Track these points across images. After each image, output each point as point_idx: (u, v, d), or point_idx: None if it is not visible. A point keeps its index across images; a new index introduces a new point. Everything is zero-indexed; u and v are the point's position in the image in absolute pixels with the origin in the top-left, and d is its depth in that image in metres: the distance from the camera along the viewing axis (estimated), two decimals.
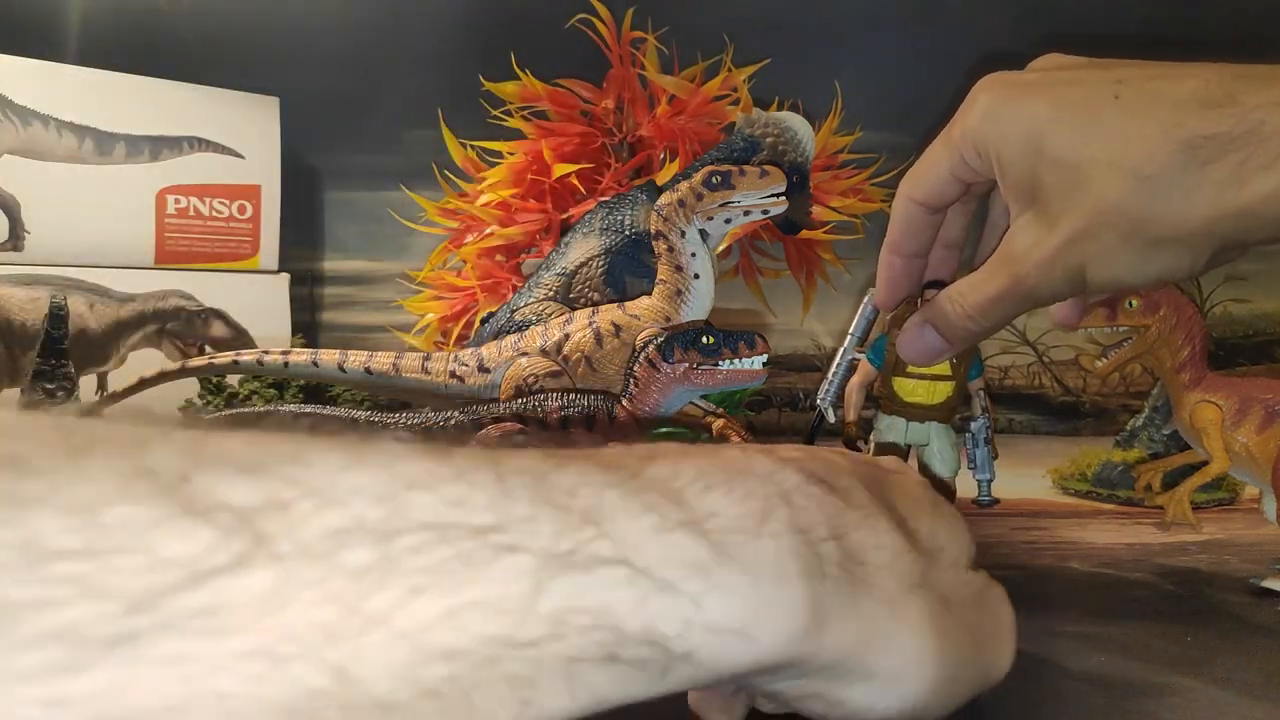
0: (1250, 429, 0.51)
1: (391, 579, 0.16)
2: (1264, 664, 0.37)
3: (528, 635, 0.16)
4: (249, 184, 0.83)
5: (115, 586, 0.14)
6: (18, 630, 0.13)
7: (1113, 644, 0.39)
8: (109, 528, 0.14)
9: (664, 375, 0.42)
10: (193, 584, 0.14)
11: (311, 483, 0.16)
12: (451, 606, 0.16)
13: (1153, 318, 0.54)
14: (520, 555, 0.17)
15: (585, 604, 0.17)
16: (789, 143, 0.50)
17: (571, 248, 0.52)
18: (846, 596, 0.22)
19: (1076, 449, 0.76)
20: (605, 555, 0.18)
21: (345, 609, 0.15)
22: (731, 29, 0.71)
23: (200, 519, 0.15)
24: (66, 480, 0.14)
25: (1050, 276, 0.35)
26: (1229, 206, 0.31)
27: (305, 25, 0.90)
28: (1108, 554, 0.56)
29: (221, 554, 0.14)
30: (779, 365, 0.88)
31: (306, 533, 0.15)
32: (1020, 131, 0.35)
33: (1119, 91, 0.33)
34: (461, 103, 0.73)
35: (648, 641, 0.18)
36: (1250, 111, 0.30)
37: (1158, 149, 0.31)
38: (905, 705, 0.23)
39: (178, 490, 0.15)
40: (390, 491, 0.17)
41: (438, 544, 0.16)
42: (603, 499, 0.19)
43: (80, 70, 0.76)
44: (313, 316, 0.93)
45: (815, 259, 0.72)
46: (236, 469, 0.16)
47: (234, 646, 0.14)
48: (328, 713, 0.14)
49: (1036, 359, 0.98)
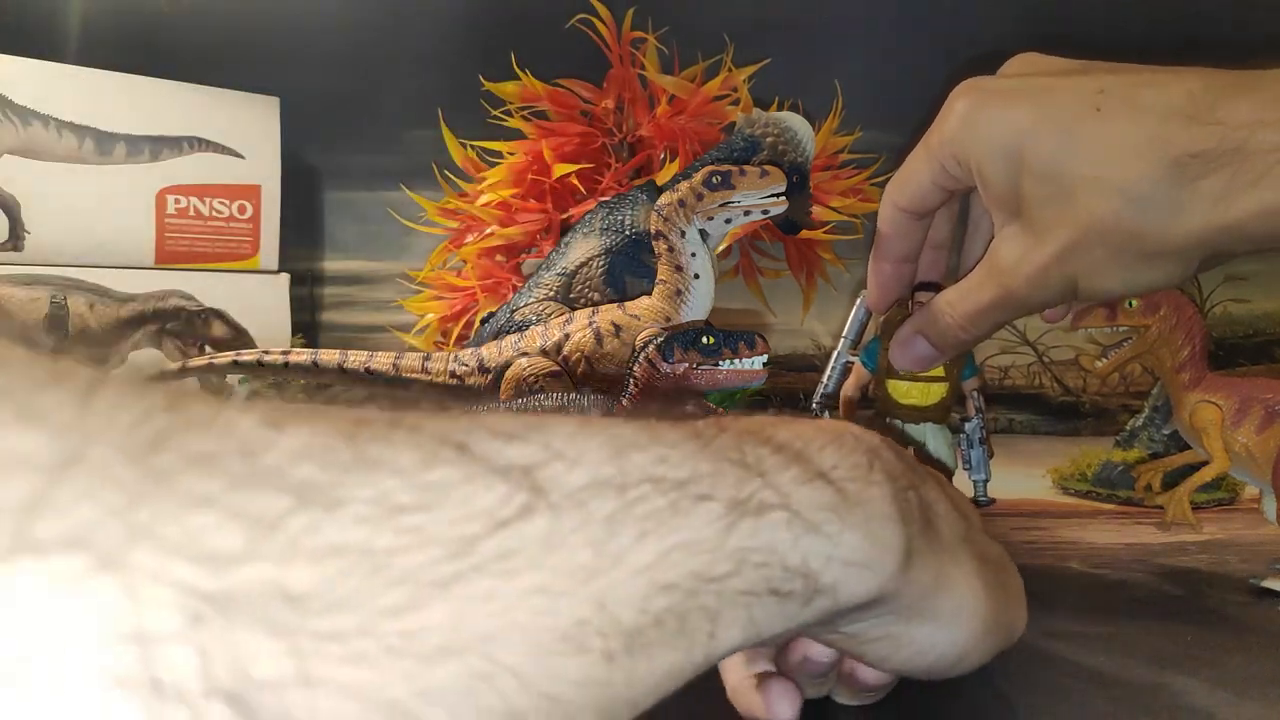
0: (1250, 429, 0.51)
1: (626, 524, 0.18)
2: (1264, 664, 0.37)
3: (717, 571, 0.19)
4: (249, 184, 0.83)
5: (440, 535, 0.16)
6: (381, 574, 0.15)
7: (1113, 644, 0.39)
8: (432, 486, 0.16)
9: (664, 375, 0.42)
10: (494, 531, 0.16)
11: (558, 446, 0.18)
12: (667, 547, 0.18)
13: (1153, 318, 0.54)
14: (713, 503, 0.19)
15: (759, 543, 0.20)
16: (789, 143, 0.50)
17: (571, 248, 0.52)
18: (924, 540, 0.24)
19: (1076, 449, 0.76)
20: (771, 502, 0.21)
21: (597, 550, 0.17)
22: (731, 29, 0.71)
23: (499, 475, 0.17)
24: (392, 449, 0.16)
25: (1041, 288, 0.35)
26: (1219, 222, 0.31)
27: (305, 25, 0.90)
28: (1108, 554, 0.56)
29: (513, 505, 0.17)
30: (779, 365, 0.88)
31: (567, 486, 0.18)
32: (1000, 141, 0.35)
33: (1100, 103, 0.33)
34: (461, 103, 0.73)
35: (801, 575, 0.21)
36: (1234, 130, 0.31)
37: (1145, 165, 0.32)
38: (955, 648, 0.26)
39: (470, 452, 0.17)
40: (616, 452, 0.19)
41: (655, 494, 0.19)
42: (759, 455, 0.21)
43: (80, 70, 0.76)
44: (313, 316, 0.93)
45: (815, 259, 0.72)
46: (504, 437, 0.18)
47: (523, 584, 0.16)
48: (592, 640, 0.17)
49: (1036, 359, 0.98)
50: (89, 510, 0.13)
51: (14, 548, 0.12)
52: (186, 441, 0.15)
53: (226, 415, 0.16)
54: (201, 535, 0.14)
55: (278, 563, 0.14)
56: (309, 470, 0.15)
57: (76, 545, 0.13)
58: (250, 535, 0.14)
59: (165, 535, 0.13)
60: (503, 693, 0.15)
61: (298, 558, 0.14)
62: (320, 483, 0.15)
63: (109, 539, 0.13)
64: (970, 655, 0.26)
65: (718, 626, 0.19)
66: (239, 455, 0.15)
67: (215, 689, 0.13)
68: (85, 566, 0.13)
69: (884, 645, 0.25)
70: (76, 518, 0.13)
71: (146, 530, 0.13)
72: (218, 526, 0.14)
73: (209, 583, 0.13)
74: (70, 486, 0.13)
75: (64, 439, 0.13)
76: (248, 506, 0.14)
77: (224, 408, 0.16)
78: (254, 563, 0.14)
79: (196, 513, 0.14)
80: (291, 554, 0.14)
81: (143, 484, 0.14)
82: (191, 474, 0.14)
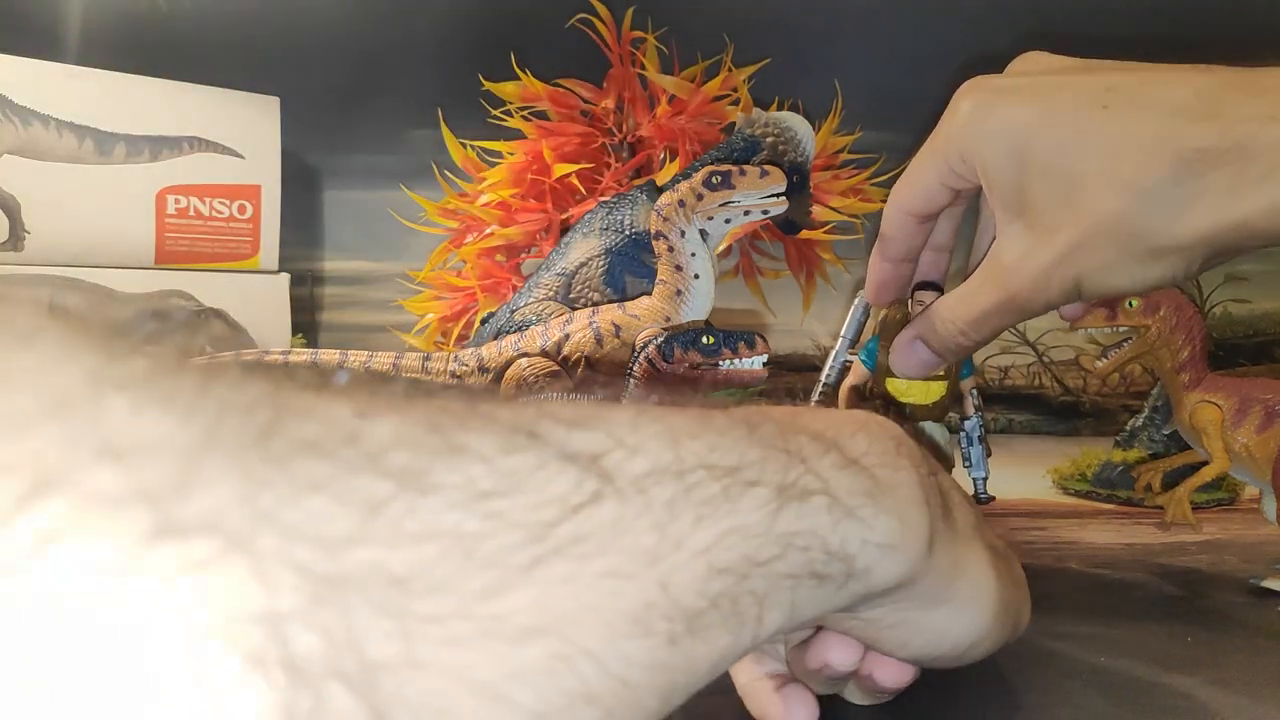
0: (1250, 429, 0.51)
1: (685, 510, 0.18)
2: (1264, 664, 0.37)
3: (765, 555, 0.19)
4: (249, 184, 0.83)
5: (521, 519, 0.16)
6: (472, 557, 0.15)
7: (1113, 644, 0.39)
8: (511, 472, 0.17)
9: (664, 375, 0.42)
10: (568, 516, 0.17)
11: (620, 434, 0.19)
12: (722, 531, 0.19)
13: (1153, 318, 0.54)
14: (761, 489, 0.20)
15: (803, 527, 0.20)
16: (789, 143, 0.50)
17: (571, 248, 0.52)
18: (944, 525, 0.25)
19: (1076, 449, 0.76)
20: (813, 487, 0.21)
21: (660, 534, 0.18)
22: (731, 29, 0.71)
23: (569, 461, 0.17)
24: (474, 435, 0.17)
25: (1045, 288, 0.35)
26: (1226, 219, 0.31)
27: (305, 25, 0.90)
28: (1108, 554, 0.56)
29: (584, 490, 0.17)
30: (779, 365, 0.88)
31: (631, 472, 0.18)
32: (1006, 140, 0.35)
33: (1108, 100, 0.33)
34: (461, 103, 0.73)
35: (840, 558, 0.21)
36: (1238, 124, 0.31)
37: (1152, 162, 0.32)
38: (969, 635, 0.26)
39: (543, 440, 0.18)
40: (673, 439, 0.19)
41: (710, 481, 0.19)
42: (800, 443, 0.22)
43: (80, 70, 0.76)
44: (313, 316, 0.93)
45: (815, 259, 0.72)
46: (570, 424, 0.18)
47: (596, 567, 0.17)
48: (657, 622, 0.17)
49: (1036, 359, 0.98)
50: (222, 493, 0.13)
51: (158, 530, 0.13)
52: (295, 428, 0.15)
53: (325, 402, 0.16)
54: (317, 519, 0.14)
55: (384, 546, 0.15)
56: (405, 457, 0.16)
57: (211, 528, 0.13)
58: (359, 519, 0.15)
59: (285, 519, 0.14)
60: (581, 675, 0.16)
61: (400, 541, 0.15)
62: (415, 468, 0.16)
63: (239, 522, 0.13)
64: (982, 642, 0.27)
65: (764, 609, 0.19)
66: (343, 442, 0.15)
67: (335, 670, 0.13)
68: (219, 549, 0.13)
69: (901, 631, 0.25)
70: (211, 501, 0.13)
71: (269, 514, 0.14)
72: (331, 510, 0.14)
73: (326, 565, 0.14)
74: (206, 469, 0.14)
75: (195, 423, 0.14)
76: (356, 491, 0.15)
77: (322, 393, 0.16)
78: (364, 545, 0.14)
79: (311, 497, 0.14)
80: (395, 538, 0.15)
81: (264, 468, 0.14)
82: (304, 459, 0.15)
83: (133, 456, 0.13)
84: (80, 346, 0.14)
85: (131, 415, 0.14)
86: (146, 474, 0.13)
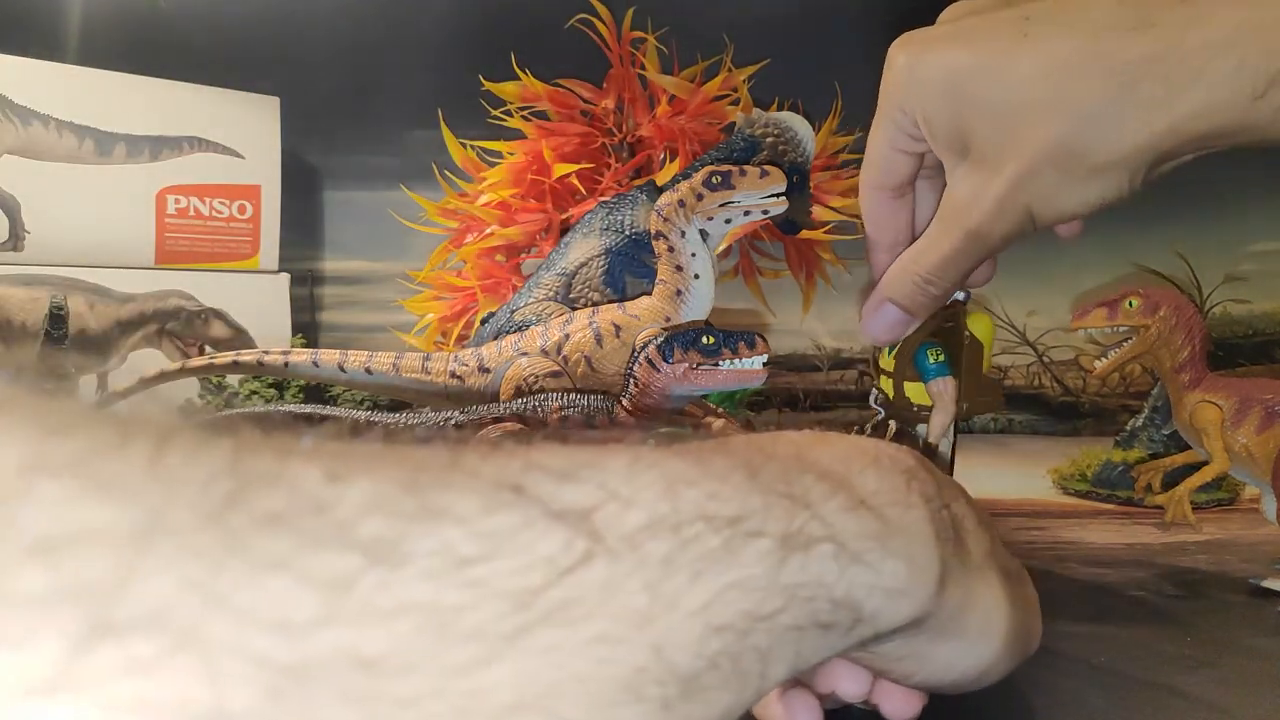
0: (1250, 429, 0.51)
1: (681, 566, 0.17)
2: (1264, 664, 0.37)
3: (768, 609, 0.19)
4: (249, 184, 0.83)
5: (504, 587, 0.15)
6: (450, 631, 0.14)
7: (1113, 644, 0.39)
8: (492, 534, 0.16)
9: (664, 375, 0.42)
10: (555, 580, 0.16)
11: (613, 485, 0.18)
12: (721, 586, 0.18)
13: (1152, 318, 0.54)
14: (764, 540, 0.19)
15: (808, 578, 0.19)
16: (789, 143, 0.50)
17: (571, 248, 0.52)
18: (957, 560, 0.24)
19: (1076, 449, 0.76)
20: (818, 534, 0.20)
21: (653, 594, 0.17)
22: (731, 29, 0.71)
23: (557, 520, 0.16)
24: (452, 495, 0.16)
25: (1000, 221, 0.35)
26: (1160, 125, 0.31)
27: (305, 25, 0.90)
28: (1108, 554, 0.56)
29: (574, 551, 0.16)
30: (779, 365, 0.88)
31: (623, 528, 0.17)
32: (940, 84, 0.35)
33: (1027, 29, 0.33)
34: (461, 103, 0.72)
35: (846, 606, 0.20)
36: (1166, 32, 0.30)
37: (1082, 81, 0.32)
38: (979, 665, 0.26)
39: (528, 496, 0.17)
40: (669, 488, 0.18)
41: (709, 533, 0.18)
42: (805, 484, 0.21)
43: (80, 70, 0.76)
44: (313, 316, 0.93)
45: (815, 259, 0.72)
46: (559, 476, 0.17)
47: (584, 634, 0.16)
48: (649, 688, 0.16)
49: (1036, 359, 0.98)
50: (167, 583, 0.13)
51: (93, 632, 0.12)
52: (256, 500, 0.14)
53: (292, 468, 0.15)
54: (277, 601, 0.13)
55: (352, 626, 0.14)
56: (376, 524, 0.15)
57: (155, 624, 0.12)
58: (325, 599, 0.14)
59: (242, 604, 0.13)
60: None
61: (370, 620, 0.14)
62: (387, 537, 0.15)
63: (188, 613, 0.12)
64: (993, 671, 0.26)
65: (768, 664, 0.19)
66: (309, 512, 0.14)
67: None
68: (163, 646, 0.12)
69: (910, 663, 0.25)
70: (155, 592, 0.12)
71: (223, 599, 0.13)
72: (293, 591, 0.13)
73: (286, 653, 0.13)
74: (150, 559, 0.13)
75: (139, 506, 0.13)
76: (321, 568, 0.14)
77: (288, 459, 0.15)
78: (330, 628, 0.14)
79: (271, 577, 0.13)
80: (365, 616, 0.14)
81: (218, 549, 0.13)
82: (264, 535, 0.14)
83: (65, 551, 0.12)
84: (11, 430, 0.13)
85: (65, 504, 0.12)
86: (81, 569, 0.12)
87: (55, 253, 0.74)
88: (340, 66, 0.90)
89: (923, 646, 0.24)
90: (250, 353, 0.52)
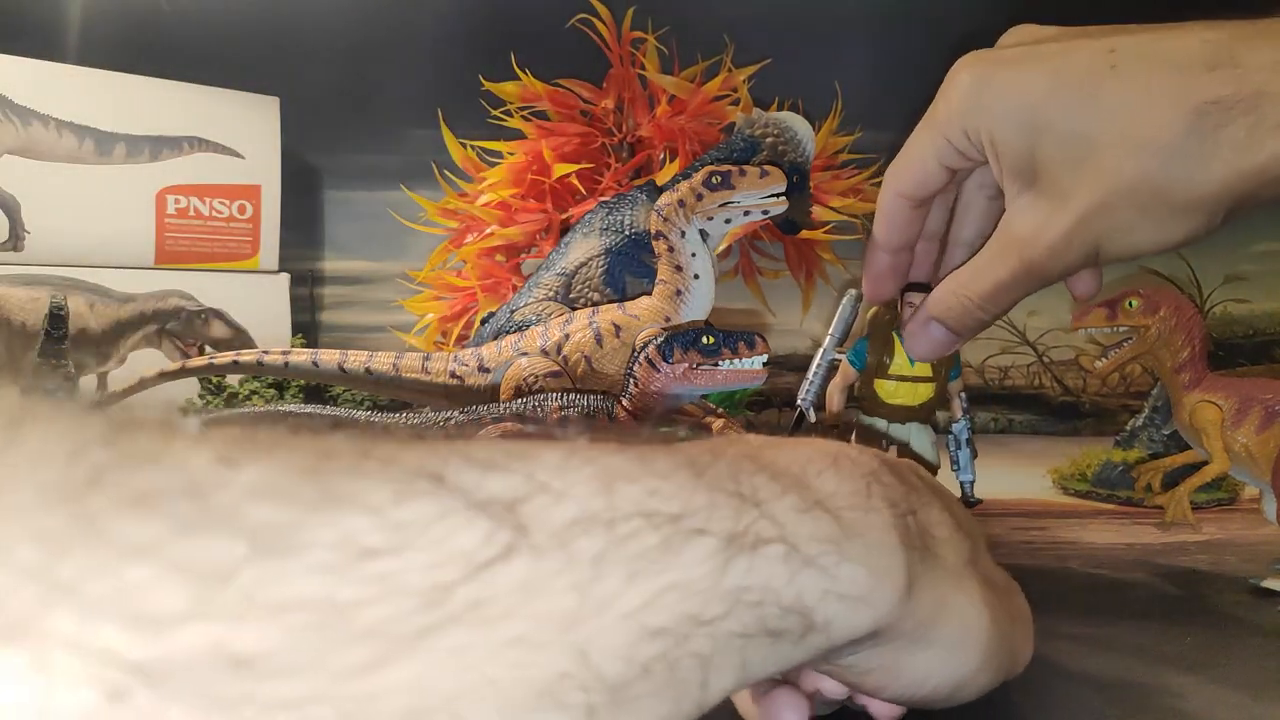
0: (1250, 429, 0.51)
1: (614, 565, 0.16)
2: (1264, 664, 0.37)
3: (711, 613, 0.17)
4: (249, 184, 0.83)
5: (412, 583, 0.14)
6: (343, 629, 0.13)
7: (1113, 644, 0.39)
8: (404, 525, 0.15)
9: (664, 375, 0.42)
10: (471, 576, 0.15)
11: (541, 477, 0.17)
12: (659, 588, 0.17)
13: (1153, 318, 0.54)
14: (708, 539, 0.18)
15: (755, 581, 0.18)
16: (789, 143, 0.50)
17: (571, 248, 0.52)
18: (925, 566, 0.23)
19: (1076, 449, 0.76)
20: (768, 535, 0.19)
21: (581, 595, 0.16)
22: (731, 29, 0.71)
23: (479, 511, 0.15)
24: (362, 482, 0.15)
25: (1063, 254, 0.34)
26: (1245, 169, 0.31)
27: (305, 25, 0.90)
28: (1108, 554, 0.56)
29: (494, 545, 0.15)
30: (779, 365, 0.88)
31: (552, 523, 0.16)
32: (1015, 109, 0.34)
33: (1114, 61, 0.32)
34: (461, 103, 0.72)
35: (796, 612, 0.19)
36: (1254, 72, 0.30)
37: (1167, 118, 0.31)
38: (953, 678, 0.24)
39: (448, 485, 0.15)
40: (606, 484, 0.17)
41: (647, 530, 0.17)
42: (755, 484, 0.20)
43: (80, 70, 0.76)
44: (313, 316, 0.93)
45: (815, 259, 0.72)
46: (484, 466, 0.16)
47: (501, 635, 0.15)
48: (571, 694, 0.15)
49: (1036, 359, 0.98)
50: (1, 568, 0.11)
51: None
52: (127, 479, 0.13)
53: (177, 449, 0.14)
54: (136, 592, 0.12)
55: (226, 621, 0.13)
56: (267, 510, 0.14)
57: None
58: (196, 591, 0.12)
59: (91, 593, 0.12)
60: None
61: (249, 615, 0.13)
62: (279, 524, 0.14)
63: (23, 603, 0.11)
64: (969, 685, 0.25)
65: (710, 673, 0.17)
66: (187, 494, 0.13)
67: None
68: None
69: (880, 675, 0.24)
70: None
71: (69, 588, 0.12)
72: (157, 581, 0.12)
73: (140, 650, 0.12)
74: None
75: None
76: (195, 556, 0.13)
77: (176, 439, 0.14)
78: (198, 622, 0.12)
79: (133, 565, 0.12)
80: (242, 611, 0.13)
81: (69, 532, 0.12)
82: (129, 518, 0.13)
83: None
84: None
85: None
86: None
87: (55, 253, 0.74)
88: (340, 66, 0.90)
89: (892, 658, 0.23)
90: (250, 353, 0.52)
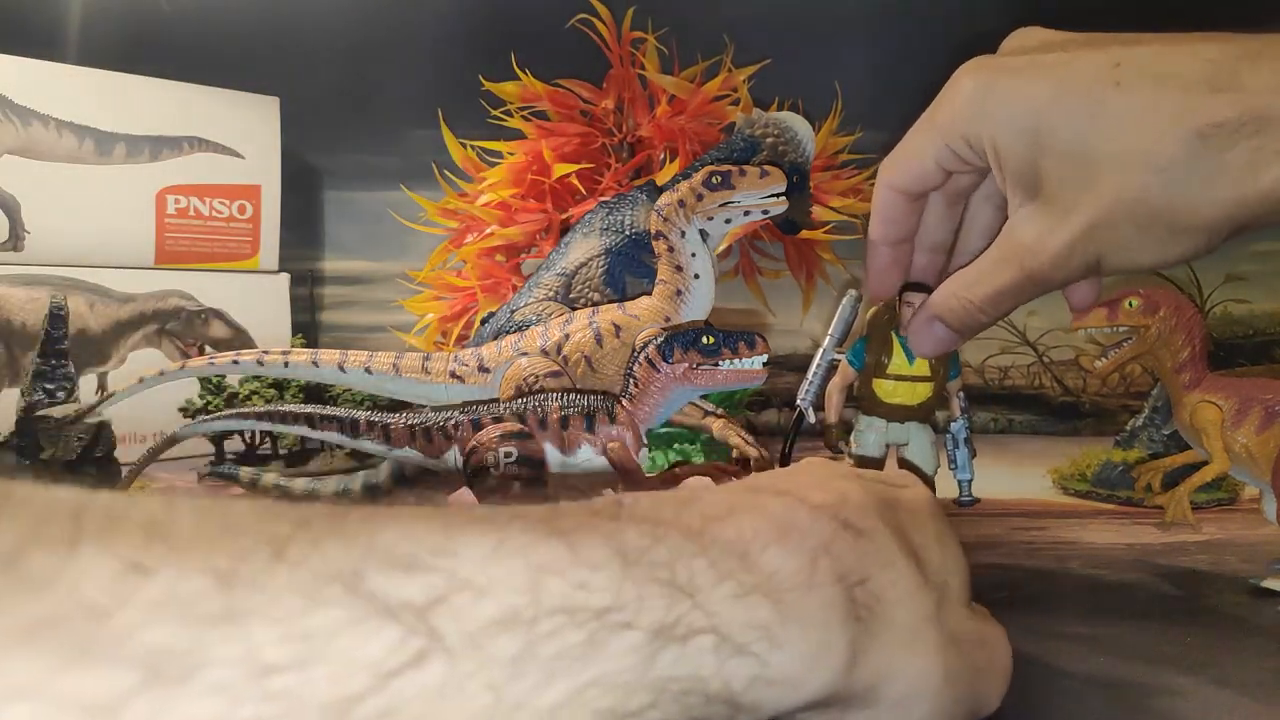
0: (1250, 429, 0.51)
1: (531, 665, 0.16)
2: (1264, 664, 0.37)
3: (633, 705, 0.18)
4: (249, 184, 0.83)
5: (315, 697, 0.14)
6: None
7: (1113, 644, 0.39)
8: (311, 635, 0.14)
9: (664, 375, 0.42)
10: (380, 686, 0.15)
11: (464, 574, 0.17)
12: (580, 684, 0.17)
13: (1153, 318, 0.54)
14: (634, 632, 0.18)
15: (681, 672, 0.18)
16: (789, 143, 0.50)
17: (571, 248, 0.52)
18: (872, 634, 0.23)
19: (1076, 449, 0.76)
20: (699, 625, 0.19)
21: (496, 696, 0.16)
22: (731, 29, 0.71)
23: (390, 617, 0.15)
24: (269, 592, 0.15)
25: (1064, 266, 0.34)
26: (1248, 193, 0.30)
27: (305, 25, 0.90)
28: (1107, 554, 0.56)
29: (405, 652, 0.15)
30: (779, 365, 0.88)
31: (468, 625, 0.16)
32: (1018, 119, 0.34)
33: (1119, 76, 0.32)
34: (461, 103, 0.72)
35: (723, 700, 0.19)
36: (1257, 96, 0.30)
37: (1171, 139, 0.31)
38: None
39: (361, 590, 0.15)
40: (529, 580, 0.17)
41: (569, 628, 0.17)
42: (693, 569, 0.20)
43: (80, 70, 0.76)
44: (313, 316, 0.93)
45: (815, 259, 0.72)
46: (403, 566, 0.16)
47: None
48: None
49: (1036, 359, 0.98)
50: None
51: None
52: (20, 606, 0.12)
53: (79, 562, 0.13)
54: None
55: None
56: (165, 631, 0.13)
57: None
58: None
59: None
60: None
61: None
62: (174, 648, 0.13)
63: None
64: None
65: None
66: (84, 618, 0.13)
67: None
68: None
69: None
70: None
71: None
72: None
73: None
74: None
75: None
76: (82, 689, 0.12)
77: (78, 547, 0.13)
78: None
79: (14, 704, 0.12)
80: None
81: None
82: (16, 653, 0.12)
83: None
84: None
85: None
86: None
87: (55, 253, 0.74)
88: (340, 66, 0.90)
89: (837, 717, 0.23)
90: (250, 353, 0.52)
